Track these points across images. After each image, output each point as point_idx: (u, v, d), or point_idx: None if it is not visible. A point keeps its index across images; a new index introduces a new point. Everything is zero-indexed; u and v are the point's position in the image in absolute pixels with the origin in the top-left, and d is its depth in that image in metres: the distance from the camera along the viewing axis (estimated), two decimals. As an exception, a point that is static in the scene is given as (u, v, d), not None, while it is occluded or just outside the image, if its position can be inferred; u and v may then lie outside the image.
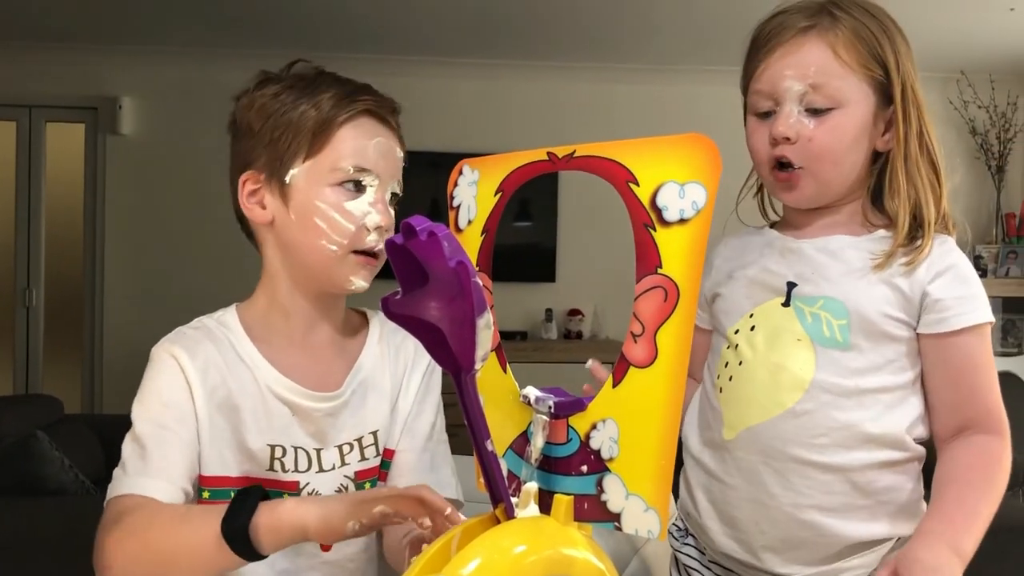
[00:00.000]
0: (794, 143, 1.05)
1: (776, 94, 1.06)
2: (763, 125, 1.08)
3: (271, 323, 1.05)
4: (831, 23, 1.06)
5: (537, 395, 0.82)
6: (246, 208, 1.04)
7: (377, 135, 1.01)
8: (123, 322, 4.92)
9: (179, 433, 0.97)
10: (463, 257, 0.70)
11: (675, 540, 1.23)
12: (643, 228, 0.74)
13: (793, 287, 1.08)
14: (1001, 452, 1.04)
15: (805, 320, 1.06)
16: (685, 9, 4.01)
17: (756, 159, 1.11)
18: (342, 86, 1.03)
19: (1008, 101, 5.10)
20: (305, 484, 1.01)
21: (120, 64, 4.89)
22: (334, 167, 0.98)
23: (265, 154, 1.00)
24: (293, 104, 0.99)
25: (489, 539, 0.73)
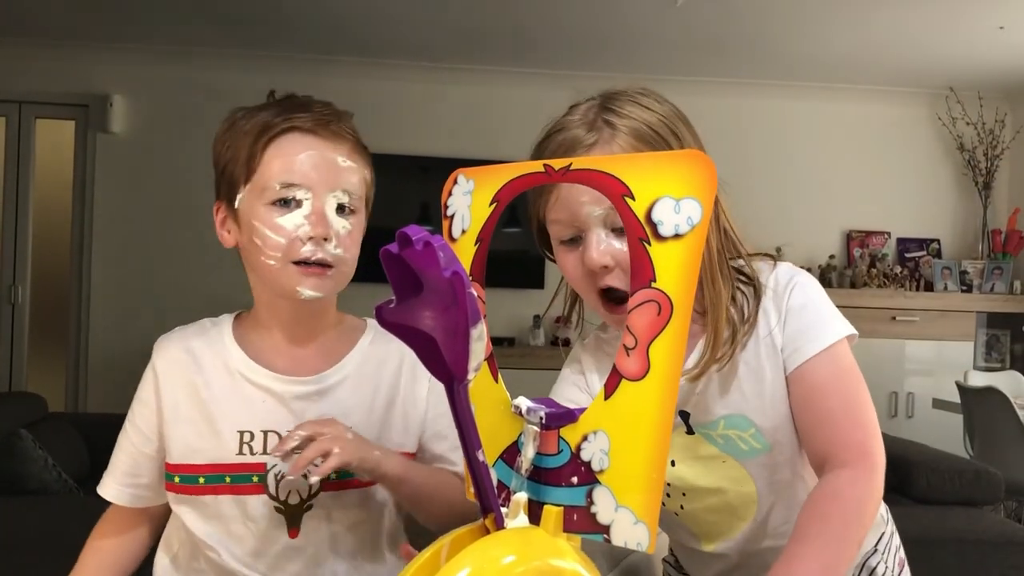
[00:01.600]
0: (612, 270, 0.95)
1: (577, 222, 0.96)
2: (572, 252, 0.99)
3: (258, 330, 1.11)
4: (611, 134, 0.97)
5: (528, 405, 0.83)
6: (219, 235, 1.11)
7: (307, 148, 1.03)
8: (108, 321, 4.90)
9: (131, 438, 1.11)
10: (458, 267, 0.70)
11: (671, 567, 1.27)
12: (638, 242, 0.75)
13: (687, 417, 1.05)
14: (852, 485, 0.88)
15: (717, 442, 1.04)
16: (674, 20, 4.03)
17: (575, 286, 1.02)
18: (277, 107, 1.06)
19: (996, 118, 5.15)
20: (272, 465, 1.05)
21: (111, 62, 4.87)
22: (264, 187, 1.03)
23: (224, 184, 1.08)
24: (235, 134, 1.06)
25: (478, 549, 0.73)
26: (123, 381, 4.90)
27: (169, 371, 1.08)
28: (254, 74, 4.94)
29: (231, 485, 1.04)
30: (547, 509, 0.79)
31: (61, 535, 2.42)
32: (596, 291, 0.98)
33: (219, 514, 1.05)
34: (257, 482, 1.04)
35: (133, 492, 1.11)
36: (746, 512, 1.07)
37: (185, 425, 1.06)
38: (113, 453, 1.12)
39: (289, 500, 1.04)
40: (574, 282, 1.01)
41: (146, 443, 1.09)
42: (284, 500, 1.04)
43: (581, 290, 1.02)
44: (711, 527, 1.10)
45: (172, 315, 5.90)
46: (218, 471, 1.05)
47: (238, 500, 1.04)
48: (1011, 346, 5.16)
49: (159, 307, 4.90)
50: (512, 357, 4.72)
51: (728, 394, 1.02)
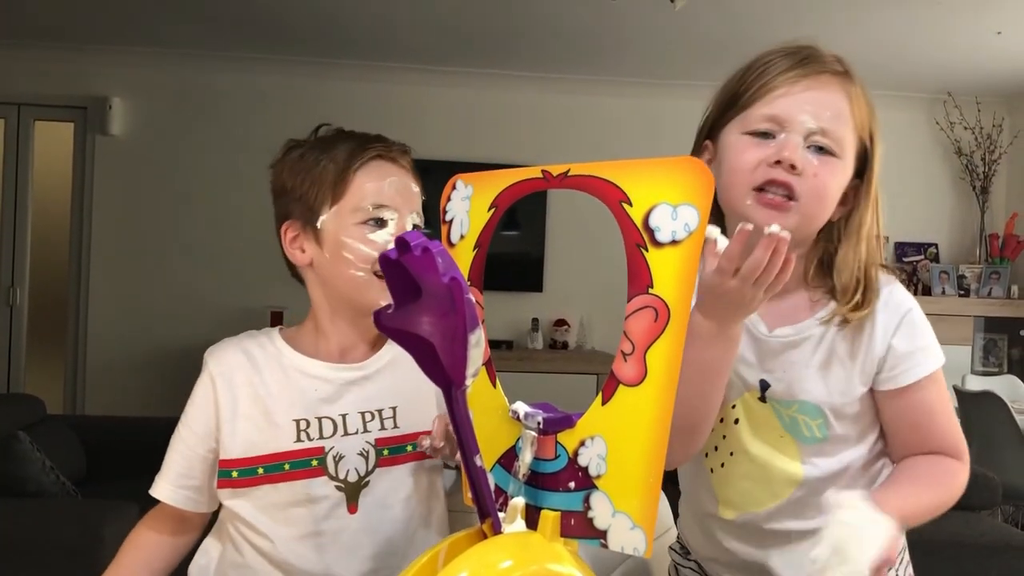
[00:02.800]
0: (799, 174, 0.99)
1: (787, 122, 1.01)
2: (759, 146, 1.02)
3: (314, 342, 1.19)
4: (849, 76, 1.05)
5: (526, 410, 0.83)
6: (290, 253, 1.18)
7: (390, 175, 1.15)
8: (107, 323, 4.90)
9: (186, 440, 1.17)
10: (456, 273, 0.71)
11: (677, 555, 1.28)
12: (635, 248, 0.75)
13: (767, 387, 1.08)
14: (958, 470, 1.07)
15: (783, 419, 1.09)
16: (671, 23, 4.03)
17: (737, 178, 1.03)
18: (355, 139, 1.17)
19: (993, 123, 5.16)
20: (330, 448, 1.12)
21: (111, 64, 4.87)
22: (356, 208, 1.13)
23: (298, 207, 1.15)
24: (315, 161, 1.15)
25: (476, 553, 0.74)
26: (121, 383, 4.92)
27: (226, 373, 1.15)
28: (252, 77, 4.95)
29: (291, 471, 1.12)
30: (544, 514, 0.79)
31: (59, 537, 2.42)
32: (760, 182, 1.01)
33: (277, 501, 1.12)
34: (316, 465, 1.12)
35: (186, 494, 1.17)
36: (782, 491, 1.09)
37: (244, 421, 1.13)
38: (165, 457, 1.18)
39: (348, 478, 1.13)
40: (740, 172, 1.02)
41: (200, 443, 1.15)
42: (344, 479, 1.12)
43: (741, 181, 1.02)
44: (741, 496, 1.12)
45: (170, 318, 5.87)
46: (277, 459, 1.12)
47: (299, 484, 1.12)
48: (1008, 350, 5.17)
49: (157, 310, 4.90)
50: (510, 360, 4.72)
51: (812, 380, 1.07)
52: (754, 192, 1.01)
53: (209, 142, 4.96)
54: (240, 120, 4.95)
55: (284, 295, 4.60)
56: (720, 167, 1.06)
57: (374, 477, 1.13)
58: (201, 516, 1.20)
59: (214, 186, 4.94)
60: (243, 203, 4.86)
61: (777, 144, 1.01)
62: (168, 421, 1.20)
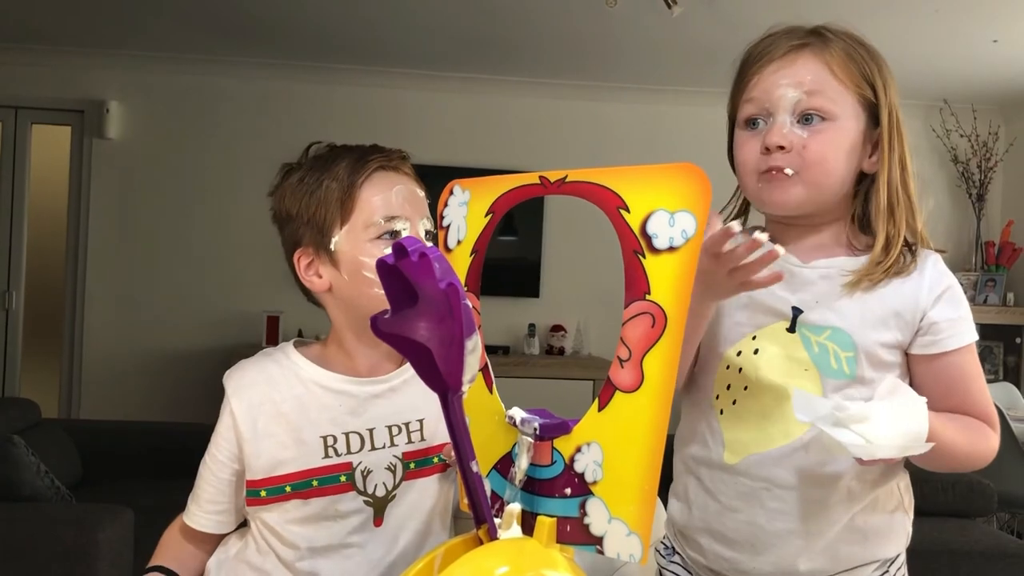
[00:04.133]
0: (788, 152, 1.05)
1: (769, 102, 1.06)
2: (753, 136, 1.08)
3: (343, 361, 1.16)
4: (823, 43, 1.08)
5: (523, 416, 0.83)
6: (306, 281, 1.15)
7: (395, 184, 1.13)
8: (103, 327, 4.89)
9: (211, 468, 1.16)
10: (453, 279, 0.71)
11: (662, 557, 1.25)
12: (632, 254, 0.75)
13: (799, 313, 1.07)
14: (991, 434, 1.09)
15: (811, 349, 1.07)
16: (667, 29, 4.04)
17: (743, 170, 1.10)
18: (353, 153, 1.14)
19: (989, 131, 5.18)
20: (358, 463, 1.11)
21: (108, 67, 4.87)
22: (368, 224, 1.10)
23: (308, 232, 1.13)
24: (317, 182, 1.12)
25: (471, 559, 0.74)
26: (117, 388, 4.90)
27: (243, 395, 1.13)
28: (250, 81, 4.95)
29: (319, 488, 1.10)
30: (540, 520, 0.79)
31: (54, 542, 2.41)
32: (761, 170, 1.07)
33: (306, 515, 1.11)
34: (345, 481, 1.11)
35: (217, 519, 1.17)
36: (794, 429, 1.06)
37: (266, 440, 1.11)
38: (196, 484, 1.18)
39: (376, 493, 1.12)
40: (744, 165, 1.09)
41: (223, 468, 1.14)
42: (372, 493, 1.12)
43: (746, 172, 1.09)
44: (751, 435, 1.08)
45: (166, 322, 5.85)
46: (305, 477, 1.10)
47: (328, 499, 1.11)
48: (1004, 358, 5.18)
49: (154, 314, 4.90)
50: (507, 366, 4.71)
51: (850, 311, 1.06)
52: (761, 175, 1.08)
53: (206, 146, 4.95)
54: (237, 124, 4.95)
55: (280, 299, 4.60)
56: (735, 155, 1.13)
57: (400, 490, 1.12)
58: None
59: (211, 190, 4.94)
60: (240, 207, 4.86)
61: (764, 131, 1.07)
62: (164, 425, 1.22)
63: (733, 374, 1.10)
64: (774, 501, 1.08)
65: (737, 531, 1.10)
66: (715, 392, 1.11)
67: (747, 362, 1.09)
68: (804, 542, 1.08)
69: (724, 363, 1.11)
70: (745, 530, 1.09)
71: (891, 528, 1.13)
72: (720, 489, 1.12)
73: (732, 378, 1.10)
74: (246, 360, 1.18)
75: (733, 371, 1.10)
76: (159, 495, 3.21)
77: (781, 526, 1.08)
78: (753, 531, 1.09)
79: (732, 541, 1.11)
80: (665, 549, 1.25)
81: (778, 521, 1.08)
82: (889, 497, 1.13)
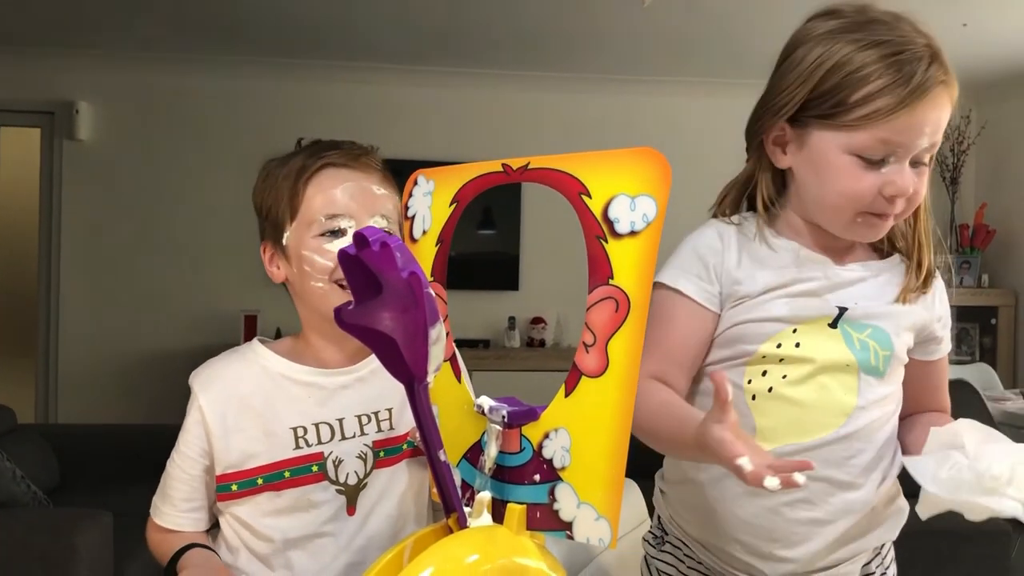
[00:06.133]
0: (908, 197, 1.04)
1: (902, 148, 1.02)
2: (870, 172, 1.03)
3: (313, 355, 1.17)
4: (947, 77, 1.04)
5: (491, 405, 0.83)
6: (269, 272, 1.18)
7: (344, 181, 1.13)
8: (78, 330, 4.84)
9: (181, 466, 1.16)
10: (416, 268, 0.71)
11: (651, 547, 1.24)
12: (595, 240, 0.75)
13: (844, 311, 1.09)
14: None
15: (853, 345, 1.09)
16: (642, 20, 4.05)
17: (845, 203, 1.05)
18: (310, 149, 1.16)
19: (961, 115, 5.21)
20: (329, 453, 1.12)
21: (77, 68, 4.81)
22: (310, 221, 1.12)
23: (268, 226, 1.17)
24: (273, 179, 1.15)
25: (442, 548, 0.74)
26: (94, 391, 4.85)
27: (210, 392, 1.14)
28: (221, 79, 4.91)
29: (291, 479, 1.11)
30: (510, 507, 0.79)
31: (31, 547, 2.39)
32: (872, 209, 1.04)
33: (279, 507, 1.12)
34: (317, 471, 1.12)
35: (193, 516, 1.17)
36: (829, 423, 1.08)
37: (236, 435, 1.12)
38: (161, 486, 1.18)
39: (348, 481, 1.13)
40: (856, 200, 1.04)
41: (195, 465, 1.15)
42: (344, 482, 1.13)
43: (852, 208, 1.05)
44: (786, 424, 1.08)
45: (143, 323, 5.78)
46: (277, 468, 1.12)
47: (301, 490, 1.12)
48: (980, 339, 5.23)
49: (130, 316, 4.85)
50: (488, 359, 4.71)
51: (888, 314, 1.10)
52: (864, 214, 1.06)
53: (179, 146, 4.91)
54: (210, 123, 4.91)
55: (257, 299, 4.57)
56: (813, 174, 1.08)
57: (371, 478, 1.13)
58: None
59: (185, 190, 4.90)
60: (214, 207, 4.82)
61: (889, 174, 1.03)
62: (142, 429, 1.21)
63: (771, 363, 1.10)
64: (800, 490, 1.04)
65: (755, 515, 1.11)
66: (746, 377, 1.10)
67: (788, 353, 1.09)
68: (821, 530, 1.10)
69: (760, 353, 1.10)
70: (763, 516, 1.10)
71: (897, 515, 1.16)
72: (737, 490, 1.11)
73: (769, 366, 1.10)
74: (212, 359, 1.19)
75: (771, 360, 1.10)
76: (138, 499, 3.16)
77: (803, 515, 1.09)
78: (771, 518, 1.10)
79: (748, 524, 1.11)
80: (655, 539, 1.24)
81: (800, 510, 1.09)
82: (896, 484, 1.15)
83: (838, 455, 1.09)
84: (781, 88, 1.08)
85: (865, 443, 1.09)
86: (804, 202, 1.11)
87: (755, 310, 1.10)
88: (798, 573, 1.11)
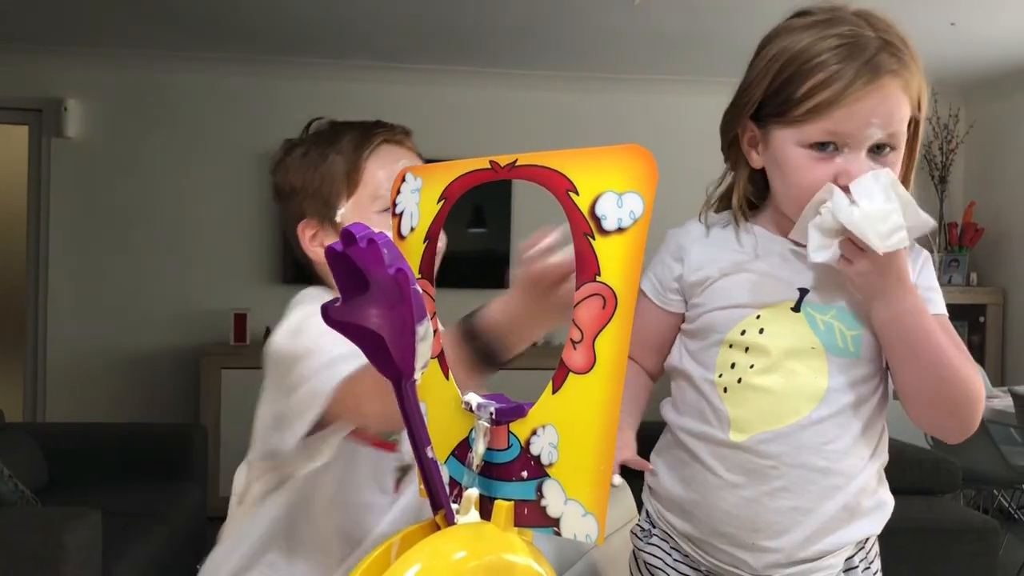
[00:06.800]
0: None
1: (852, 137, 1.02)
2: (822, 161, 1.04)
3: None
4: (901, 65, 1.03)
5: (479, 401, 0.83)
6: (310, 251, 1.15)
7: (400, 158, 1.14)
8: (67, 328, 4.83)
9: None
10: (403, 264, 0.70)
11: (639, 540, 1.25)
12: (582, 237, 0.75)
13: (805, 293, 1.09)
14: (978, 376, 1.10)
15: (817, 327, 1.08)
16: (631, 18, 4.05)
17: (801, 193, 1.05)
18: (357, 128, 1.17)
19: (950, 113, 5.24)
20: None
21: (65, 65, 4.80)
22: (375, 196, 1.12)
23: (313, 204, 1.14)
24: (321, 156, 1.14)
25: (429, 545, 0.74)
26: (83, 390, 4.84)
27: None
28: (211, 77, 4.90)
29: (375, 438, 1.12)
30: (498, 504, 0.79)
31: (19, 546, 2.38)
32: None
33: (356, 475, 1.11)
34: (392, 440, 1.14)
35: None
36: (802, 407, 1.08)
37: None
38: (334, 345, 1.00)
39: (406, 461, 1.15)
40: (807, 190, 1.04)
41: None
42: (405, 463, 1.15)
43: (806, 197, 1.04)
44: (758, 413, 1.09)
45: (132, 321, 5.78)
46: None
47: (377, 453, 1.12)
48: (969, 337, 5.25)
49: (119, 314, 4.84)
50: (478, 357, 4.71)
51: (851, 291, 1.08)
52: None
53: (168, 143, 4.90)
54: (200, 120, 4.90)
55: (247, 297, 4.57)
56: (776, 171, 1.09)
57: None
58: None
59: (174, 188, 4.88)
60: (204, 204, 4.81)
61: (842, 163, 1.03)
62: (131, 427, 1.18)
63: (738, 353, 1.11)
64: (779, 479, 1.09)
65: (737, 506, 1.11)
66: (717, 371, 1.12)
67: (752, 341, 1.10)
68: (804, 519, 1.10)
69: (727, 342, 1.11)
70: (745, 506, 1.11)
71: (880, 508, 1.15)
72: (721, 465, 1.12)
73: (736, 357, 1.11)
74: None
75: (737, 350, 1.10)
76: (127, 498, 3.17)
77: (784, 503, 1.09)
78: (753, 508, 1.10)
79: (730, 516, 1.12)
80: (642, 532, 1.25)
81: (781, 499, 1.09)
82: (879, 476, 1.15)
83: (814, 440, 1.08)
84: (745, 85, 1.10)
85: (842, 428, 1.09)
86: (777, 201, 1.13)
87: (718, 297, 1.12)
88: (782, 563, 1.11)
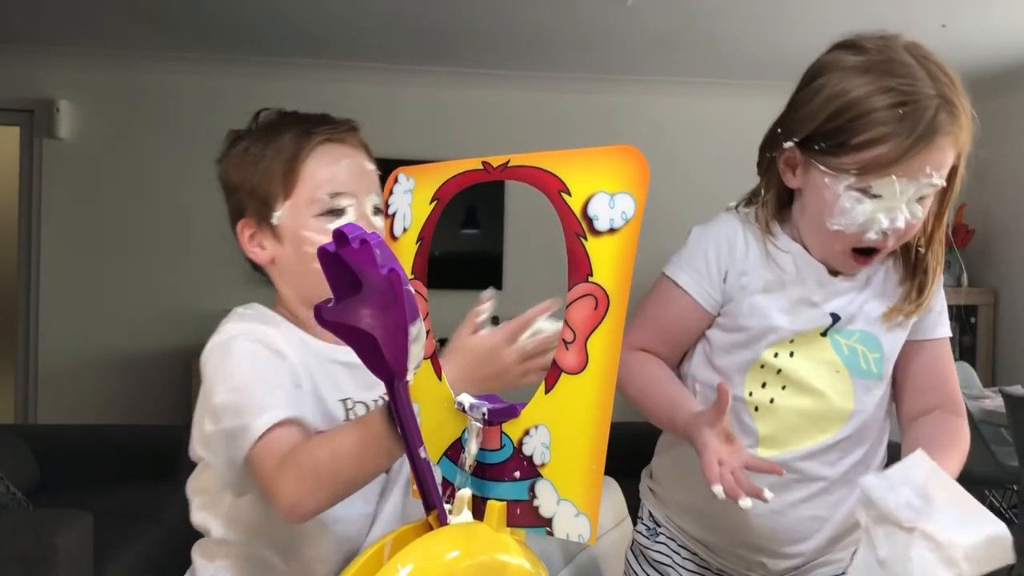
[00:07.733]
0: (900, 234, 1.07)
1: (902, 192, 1.04)
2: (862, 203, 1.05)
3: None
4: (954, 124, 1.05)
5: (471, 402, 0.83)
6: (249, 252, 1.11)
7: (342, 157, 1.08)
8: (58, 330, 4.80)
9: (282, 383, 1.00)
10: (395, 265, 0.71)
11: (644, 538, 1.27)
12: (575, 237, 0.76)
13: (837, 320, 1.12)
14: (962, 427, 1.15)
15: (842, 352, 1.13)
16: (625, 19, 4.06)
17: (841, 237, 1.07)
18: (300, 123, 1.10)
19: (941, 115, 5.26)
20: None
21: (57, 66, 4.78)
22: (311, 199, 1.06)
23: (251, 203, 1.09)
24: (261, 153, 1.09)
25: (422, 545, 0.74)
26: (74, 391, 4.81)
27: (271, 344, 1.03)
28: (203, 77, 4.88)
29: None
30: (490, 504, 0.79)
31: (11, 549, 2.37)
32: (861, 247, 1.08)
33: None
34: None
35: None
36: (829, 427, 1.13)
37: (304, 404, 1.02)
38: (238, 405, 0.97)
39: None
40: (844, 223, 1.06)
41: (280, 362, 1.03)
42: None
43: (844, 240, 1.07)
44: (788, 432, 1.13)
45: (124, 323, 5.74)
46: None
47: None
48: (960, 338, 5.27)
49: (110, 315, 4.82)
50: (471, 358, 4.70)
51: (875, 315, 1.13)
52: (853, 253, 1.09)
53: (160, 144, 4.88)
54: (192, 121, 4.88)
55: (238, 296, 4.53)
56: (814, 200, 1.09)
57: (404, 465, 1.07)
58: None
59: (166, 188, 4.87)
60: (196, 205, 4.79)
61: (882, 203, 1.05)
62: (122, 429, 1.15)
63: (769, 374, 1.14)
64: (802, 490, 1.14)
65: (761, 517, 1.14)
66: (747, 389, 1.15)
67: (784, 364, 1.13)
68: (823, 526, 1.15)
69: (759, 362, 1.14)
70: (769, 517, 1.14)
71: None
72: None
73: (768, 377, 1.14)
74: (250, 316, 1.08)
75: (769, 371, 1.14)
76: (119, 499, 3.16)
77: (804, 513, 1.14)
78: (776, 519, 1.14)
79: (754, 527, 1.15)
80: (648, 531, 1.27)
81: (803, 509, 1.14)
82: None
83: (836, 455, 1.14)
84: (795, 114, 1.10)
85: (857, 444, 1.15)
86: (804, 221, 1.14)
87: (756, 312, 1.14)
88: (799, 566, 1.16)
